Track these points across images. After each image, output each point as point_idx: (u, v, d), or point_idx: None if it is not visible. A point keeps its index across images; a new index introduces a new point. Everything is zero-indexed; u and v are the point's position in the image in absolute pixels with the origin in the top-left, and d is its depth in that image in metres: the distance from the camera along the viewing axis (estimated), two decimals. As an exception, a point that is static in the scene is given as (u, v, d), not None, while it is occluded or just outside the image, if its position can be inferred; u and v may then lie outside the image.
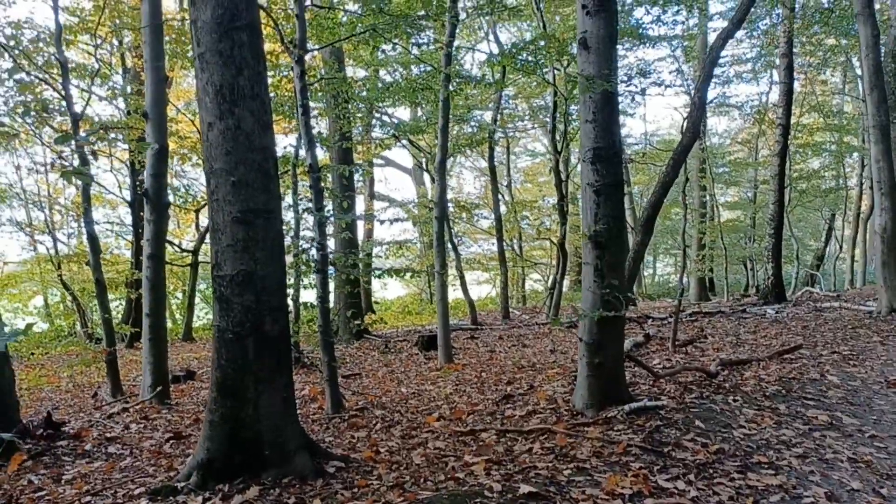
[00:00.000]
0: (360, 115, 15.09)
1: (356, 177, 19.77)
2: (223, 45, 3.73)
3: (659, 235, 24.20)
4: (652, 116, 54.49)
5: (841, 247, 26.88)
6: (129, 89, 14.22)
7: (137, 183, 14.99)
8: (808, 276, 22.38)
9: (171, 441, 5.22)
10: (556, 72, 14.33)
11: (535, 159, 28.15)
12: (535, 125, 23.16)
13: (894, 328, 9.57)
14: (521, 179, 29.75)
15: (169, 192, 8.40)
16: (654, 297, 20.72)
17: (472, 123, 17.41)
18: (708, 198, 21.73)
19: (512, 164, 28.44)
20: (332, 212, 12.29)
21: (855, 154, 22.04)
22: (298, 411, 5.58)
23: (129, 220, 16.89)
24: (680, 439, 4.29)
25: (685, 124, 8.78)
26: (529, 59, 13.12)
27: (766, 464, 3.97)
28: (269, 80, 11.25)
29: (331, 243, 12.08)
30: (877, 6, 16.24)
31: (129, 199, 15.39)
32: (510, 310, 17.02)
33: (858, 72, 18.82)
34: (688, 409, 4.97)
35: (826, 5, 16.13)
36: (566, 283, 19.10)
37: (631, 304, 15.03)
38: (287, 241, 7.72)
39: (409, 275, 24.13)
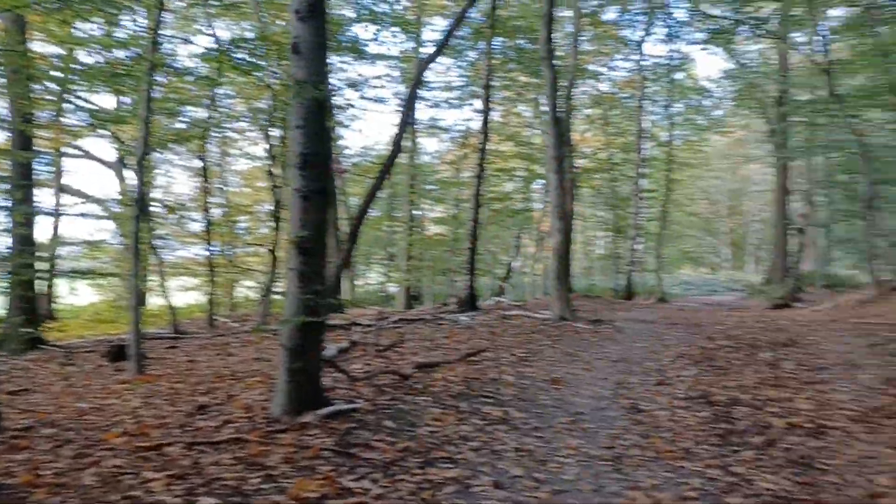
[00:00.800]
0: (50, 96, 13.37)
1: (45, 168, 17.43)
2: None
3: (372, 246, 25.10)
4: (374, 132, 56.48)
5: (526, 262, 30.42)
6: None
7: None
8: (499, 287, 24.91)
9: None
10: (274, 75, 14.14)
11: (253, 163, 27.31)
12: (255, 128, 22.52)
13: (562, 333, 11.07)
14: (239, 183, 28.68)
15: None
16: (363, 305, 21.34)
17: (184, 118, 16.34)
18: (417, 212, 23.09)
19: (229, 166, 27.32)
20: (5, 203, 10.66)
21: (540, 180, 25.14)
22: (-61, 435, 4.71)
23: None
24: (370, 440, 4.47)
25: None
26: (247, 58, 12.76)
27: (446, 458, 4.30)
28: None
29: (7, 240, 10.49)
30: (560, 53, 18.82)
31: None
32: (219, 317, 16.26)
33: (543, 108, 21.53)
34: (380, 410, 5.20)
35: (521, 45, 18.26)
36: (279, 289, 18.83)
37: (339, 311, 15.34)
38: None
39: (101, 278, 21.79)
